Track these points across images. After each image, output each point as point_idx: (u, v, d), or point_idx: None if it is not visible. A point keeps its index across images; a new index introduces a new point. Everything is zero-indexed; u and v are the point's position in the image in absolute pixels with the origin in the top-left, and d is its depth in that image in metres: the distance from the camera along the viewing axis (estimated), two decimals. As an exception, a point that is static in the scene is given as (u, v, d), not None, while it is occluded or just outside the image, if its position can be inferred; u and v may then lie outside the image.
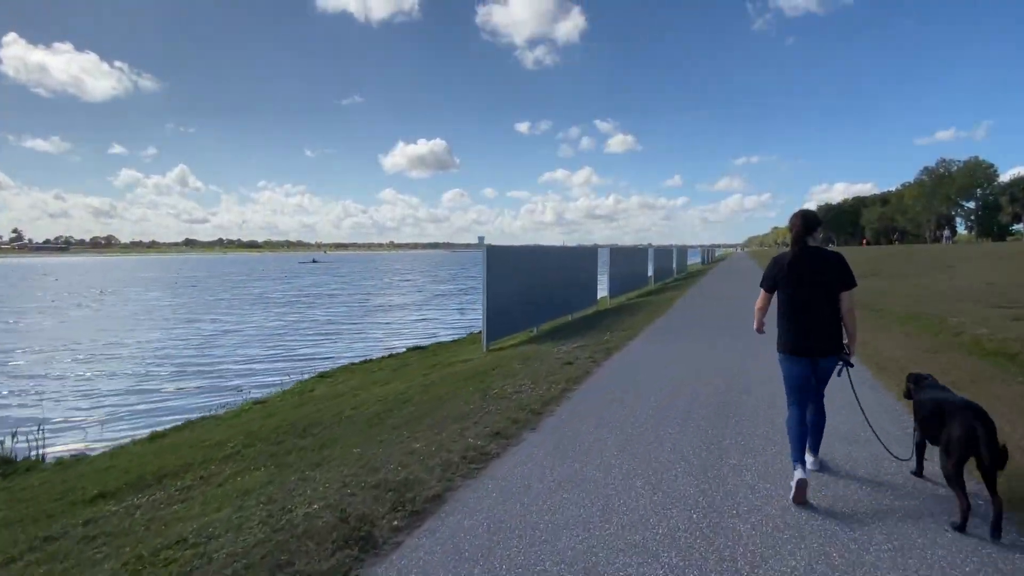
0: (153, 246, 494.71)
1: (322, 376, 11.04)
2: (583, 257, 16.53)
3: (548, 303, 13.41)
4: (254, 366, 13.91)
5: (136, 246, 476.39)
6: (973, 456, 2.94)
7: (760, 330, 3.88)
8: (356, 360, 12.99)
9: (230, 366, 13.86)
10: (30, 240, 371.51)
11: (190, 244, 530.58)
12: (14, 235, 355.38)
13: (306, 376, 11.31)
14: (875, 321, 10.69)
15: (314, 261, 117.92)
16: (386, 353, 13.55)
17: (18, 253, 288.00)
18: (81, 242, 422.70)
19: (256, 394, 10.54)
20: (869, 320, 10.77)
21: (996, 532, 2.85)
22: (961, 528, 2.92)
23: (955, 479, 2.96)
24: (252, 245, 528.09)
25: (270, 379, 11.81)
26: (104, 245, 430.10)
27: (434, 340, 16.00)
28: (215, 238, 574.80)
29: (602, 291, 19.38)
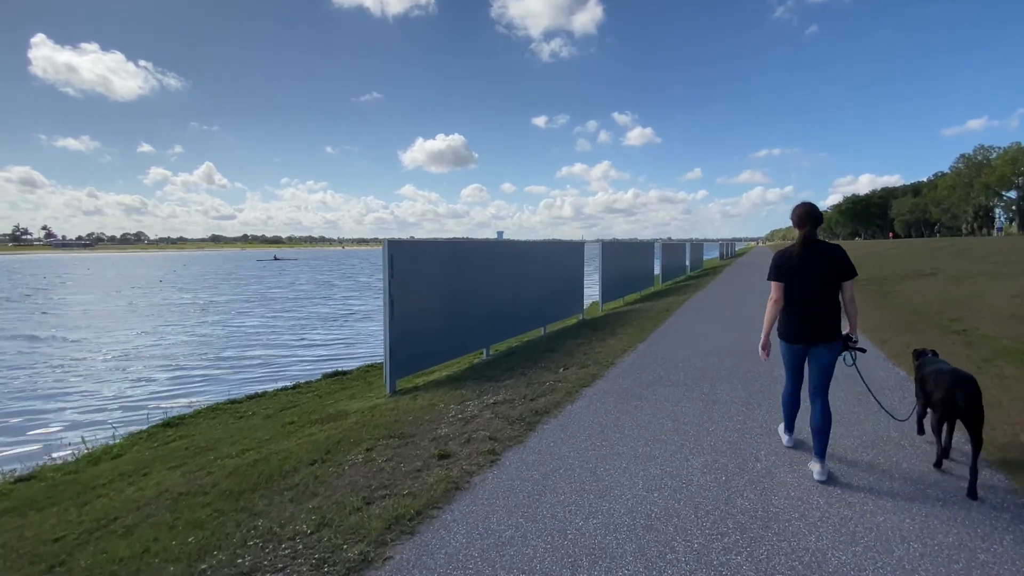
0: (179, 242, 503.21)
1: (167, 424, 7.88)
2: (564, 254, 13.06)
3: (508, 316, 10.07)
4: (132, 399, 10.87)
5: (162, 242, 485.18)
6: (958, 417, 3.33)
7: (766, 347, 3.77)
8: (261, 389, 9.85)
9: (87, 402, 10.78)
10: (63, 237, 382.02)
11: (216, 240, 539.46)
12: (44, 230, 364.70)
13: (152, 423, 8.16)
14: (966, 354, 7.04)
15: (275, 258, 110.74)
16: (292, 383, 10.38)
17: (47, 250, 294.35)
18: (112, 239, 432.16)
19: (83, 438, 7.51)
20: (960, 352, 7.09)
21: (973, 493, 3.13)
22: (937, 464, 3.57)
23: (936, 431, 3.53)
24: (276, 241, 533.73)
25: (144, 414, 8.77)
26: (133, 241, 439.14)
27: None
28: (241, 234, 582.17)
29: (596, 294, 16.08)
